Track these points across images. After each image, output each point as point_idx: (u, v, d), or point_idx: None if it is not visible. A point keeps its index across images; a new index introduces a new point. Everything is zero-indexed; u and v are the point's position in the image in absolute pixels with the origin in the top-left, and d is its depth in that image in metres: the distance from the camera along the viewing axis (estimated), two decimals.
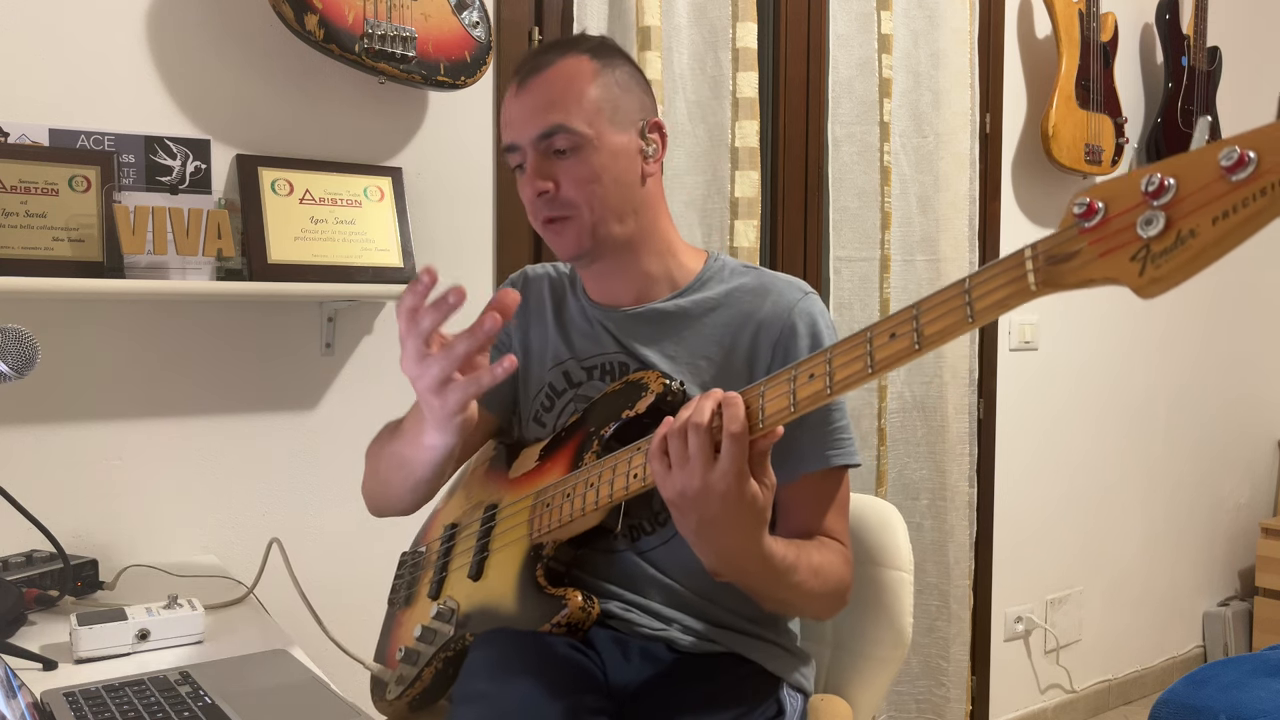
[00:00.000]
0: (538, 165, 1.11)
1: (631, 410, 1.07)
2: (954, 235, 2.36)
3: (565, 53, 1.13)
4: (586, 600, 1.05)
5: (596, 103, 1.11)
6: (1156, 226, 0.66)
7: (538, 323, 1.26)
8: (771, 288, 1.16)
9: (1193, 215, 0.64)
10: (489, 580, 1.13)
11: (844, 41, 2.23)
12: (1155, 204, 0.66)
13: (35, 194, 1.38)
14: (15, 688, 0.82)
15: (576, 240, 1.12)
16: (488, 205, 1.84)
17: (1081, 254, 0.70)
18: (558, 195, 1.11)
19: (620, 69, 1.15)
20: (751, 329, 1.13)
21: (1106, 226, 0.69)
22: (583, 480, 1.05)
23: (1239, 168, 0.62)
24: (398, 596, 1.29)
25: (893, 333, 0.82)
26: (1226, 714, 1.57)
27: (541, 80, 1.11)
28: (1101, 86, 2.62)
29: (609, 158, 1.11)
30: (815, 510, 1.12)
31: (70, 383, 1.49)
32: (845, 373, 0.85)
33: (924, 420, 2.34)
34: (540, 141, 1.10)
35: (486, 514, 1.19)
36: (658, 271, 1.18)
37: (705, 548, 0.96)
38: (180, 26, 1.55)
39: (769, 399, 0.90)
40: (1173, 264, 0.65)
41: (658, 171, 1.18)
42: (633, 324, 1.18)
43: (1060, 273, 0.72)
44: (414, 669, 1.17)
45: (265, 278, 1.52)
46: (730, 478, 0.89)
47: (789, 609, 1.10)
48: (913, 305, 0.81)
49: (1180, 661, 3.19)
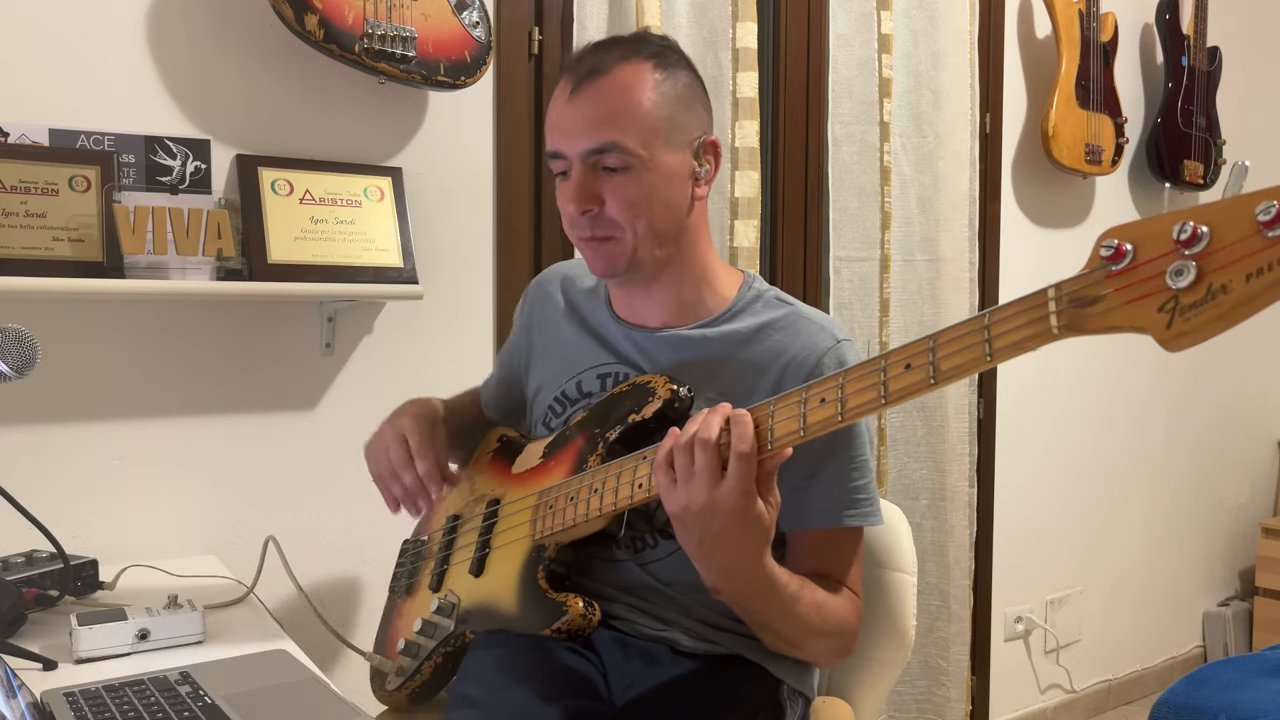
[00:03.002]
0: (583, 181, 1.05)
1: (638, 415, 1.05)
2: (954, 235, 2.36)
3: (627, 57, 1.05)
4: (588, 607, 1.03)
5: (654, 120, 1.04)
6: (1187, 278, 0.63)
7: (557, 328, 1.24)
8: (804, 330, 1.10)
9: (1225, 269, 0.61)
10: (490, 578, 1.12)
11: (844, 41, 2.23)
12: (1187, 253, 0.63)
13: (35, 194, 1.38)
14: (15, 688, 0.82)
15: (612, 261, 1.08)
16: (488, 205, 1.84)
17: (1107, 299, 0.67)
18: (601, 214, 1.05)
19: (682, 80, 1.08)
20: (778, 370, 1.08)
21: (1135, 273, 0.66)
22: (586, 485, 1.04)
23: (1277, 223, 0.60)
24: (398, 585, 1.29)
25: (908, 364, 0.79)
26: (1226, 714, 1.57)
27: (598, 88, 1.04)
28: (1101, 86, 2.62)
29: (660, 180, 1.05)
30: (827, 559, 1.08)
31: (70, 383, 1.49)
32: (857, 400, 0.83)
33: (924, 420, 2.34)
34: (590, 156, 1.04)
35: (489, 508, 1.18)
36: (690, 298, 1.14)
37: (707, 563, 0.94)
38: (180, 26, 1.55)
39: (779, 419, 0.88)
40: (1202, 319, 0.62)
41: (706, 195, 1.12)
42: (656, 347, 1.14)
43: (1084, 316, 0.69)
44: (414, 662, 1.17)
45: (265, 278, 1.52)
46: (736, 496, 0.87)
47: (788, 644, 1.05)
48: (929, 337, 0.78)
49: (1180, 661, 3.19)
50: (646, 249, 1.07)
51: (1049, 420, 2.75)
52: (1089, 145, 2.59)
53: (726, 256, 2.02)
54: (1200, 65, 2.88)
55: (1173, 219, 0.64)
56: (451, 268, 1.80)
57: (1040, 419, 2.72)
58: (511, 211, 1.85)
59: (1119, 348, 2.90)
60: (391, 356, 1.74)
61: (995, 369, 2.56)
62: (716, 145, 1.12)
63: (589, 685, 1.03)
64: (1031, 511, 2.72)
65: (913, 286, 2.33)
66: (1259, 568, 3.18)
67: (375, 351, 1.73)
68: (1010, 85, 2.57)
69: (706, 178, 1.10)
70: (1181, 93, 2.85)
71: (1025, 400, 2.67)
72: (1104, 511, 2.93)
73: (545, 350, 1.25)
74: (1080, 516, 2.86)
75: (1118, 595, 3.00)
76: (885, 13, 2.23)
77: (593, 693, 1.02)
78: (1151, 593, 3.10)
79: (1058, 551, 2.81)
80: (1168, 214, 0.65)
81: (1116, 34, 2.68)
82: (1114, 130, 2.66)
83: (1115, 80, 2.67)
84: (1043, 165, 2.61)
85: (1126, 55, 2.85)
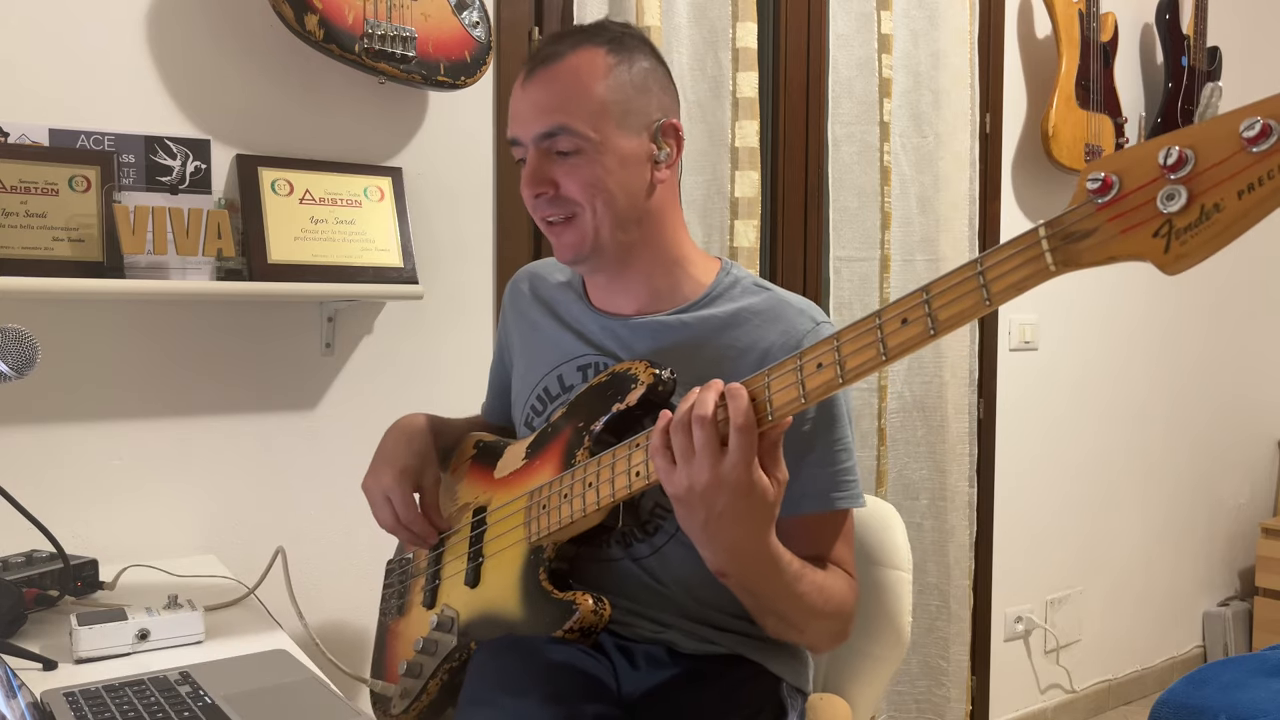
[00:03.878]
0: (537, 164, 1.06)
1: (622, 403, 1.03)
2: (954, 235, 2.36)
3: (579, 44, 1.07)
4: (597, 602, 1.01)
5: (604, 103, 1.05)
6: (1179, 202, 0.64)
7: (533, 326, 1.23)
8: (783, 314, 1.10)
9: (1216, 189, 0.62)
10: (487, 587, 1.10)
11: (844, 41, 2.23)
12: (1174, 177, 0.64)
13: (35, 194, 1.38)
14: (15, 688, 0.82)
15: (576, 243, 1.08)
16: (488, 205, 1.84)
17: (1100, 231, 0.68)
18: (557, 195, 1.06)
19: (639, 64, 1.08)
20: (757, 355, 1.08)
21: (1124, 202, 0.67)
22: (580, 480, 1.02)
23: (1262, 138, 0.61)
24: (389, 606, 1.27)
25: (904, 318, 0.78)
26: (1226, 714, 1.57)
27: (549, 74, 1.05)
28: (1101, 86, 2.62)
29: (614, 163, 1.05)
30: (818, 541, 1.08)
31: (70, 383, 1.49)
32: (857, 360, 0.82)
33: (924, 420, 2.34)
34: (541, 140, 1.05)
35: (476, 517, 1.16)
36: (663, 283, 1.13)
37: (712, 544, 0.93)
38: (180, 26, 1.55)
39: (775, 389, 0.87)
40: (1199, 239, 0.63)
41: (670, 177, 1.11)
42: (633, 334, 1.13)
43: (1078, 251, 0.69)
44: (418, 682, 1.14)
45: (265, 278, 1.52)
46: (741, 470, 0.86)
47: (789, 628, 1.05)
48: (920, 289, 0.78)
49: (1180, 661, 3.19)
50: (608, 231, 1.07)
51: (1049, 420, 2.75)
52: (1089, 145, 2.59)
53: (727, 256, 2.01)
54: (1200, 65, 2.88)
55: (1155, 145, 0.65)
56: (451, 268, 1.80)
57: (1040, 419, 2.72)
58: (511, 211, 1.85)
59: (1119, 347, 2.90)
60: (391, 356, 1.74)
61: (994, 371, 2.57)
62: (678, 128, 1.11)
63: (603, 688, 1.01)
64: (1031, 511, 2.72)
65: (912, 286, 2.31)
66: (1259, 568, 3.18)
67: (375, 351, 1.73)
68: (1010, 85, 2.57)
69: (668, 161, 1.10)
70: (1181, 93, 2.85)
71: (1025, 400, 2.67)
72: (1104, 511, 2.93)
73: (523, 349, 1.24)
74: (1080, 516, 2.86)
75: (1117, 595, 3.00)
76: (885, 13, 2.23)
77: (608, 695, 1.01)
78: (1151, 593, 3.10)
79: (1058, 551, 2.81)
80: (1149, 141, 0.66)
81: (1116, 34, 2.68)
82: (1114, 130, 2.66)
83: (1115, 80, 2.67)
84: (1043, 165, 2.61)
85: (1126, 55, 2.85)
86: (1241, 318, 3.26)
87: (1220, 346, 3.21)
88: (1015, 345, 2.64)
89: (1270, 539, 3.15)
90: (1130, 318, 2.92)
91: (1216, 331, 3.19)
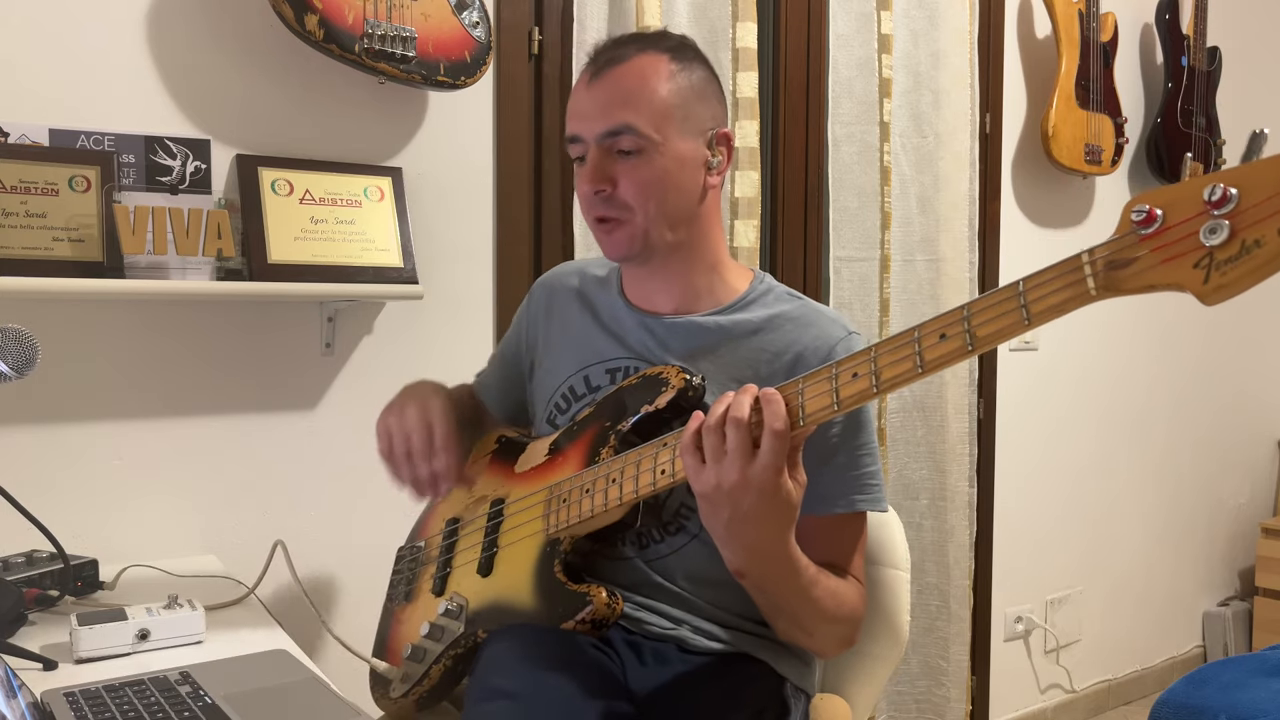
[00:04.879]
0: (599, 162, 1.09)
1: (652, 405, 1.06)
2: (954, 235, 2.36)
3: (644, 48, 1.10)
4: (611, 596, 1.03)
5: (668, 106, 1.08)
6: (1221, 235, 0.68)
7: (566, 325, 1.24)
8: (816, 321, 1.13)
9: (1257, 225, 0.67)
10: (500, 576, 1.12)
11: (844, 41, 2.23)
12: (1217, 213, 0.68)
13: (35, 194, 1.38)
14: (15, 688, 0.82)
15: (627, 243, 1.11)
16: (488, 205, 1.84)
17: (1142, 260, 0.72)
18: (614, 195, 1.09)
19: (698, 72, 1.12)
20: (790, 358, 1.11)
21: (1167, 234, 0.71)
22: (603, 476, 1.04)
23: None
24: (397, 592, 1.28)
25: (942, 334, 0.82)
26: (1226, 714, 1.57)
27: (615, 75, 1.09)
28: (1101, 86, 2.62)
29: (673, 164, 1.09)
30: (834, 546, 1.10)
31: (70, 383, 1.49)
32: (892, 372, 0.85)
33: (924, 420, 2.34)
34: (605, 139, 1.08)
35: (493, 509, 1.17)
36: (702, 285, 1.16)
37: (734, 544, 0.95)
38: (180, 26, 1.55)
39: (809, 396, 0.90)
40: (1239, 271, 0.68)
41: (719, 184, 1.15)
42: (668, 333, 1.16)
43: (1120, 278, 0.73)
44: (421, 666, 1.16)
45: (265, 278, 1.52)
46: (771, 473, 0.89)
47: (799, 630, 1.07)
48: (961, 307, 0.81)
49: (1180, 661, 3.19)
50: (658, 231, 1.10)
51: (1049, 420, 2.75)
52: (1089, 145, 2.60)
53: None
54: (1200, 65, 2.88)
55: (1200, 183, 0.69)
56: (451, 268, 1.80)
57: (1040, 419, 2.72)
58: (511, 211, 1.85)
59: (1119, 348, 2.90)
60: (391, 356, 1.74)
61: (994, 371, 2.57)
62: (730, 138, 1.15)
63: (616, 683, 1.02)
64: (1031, 511, 2.72)
65: (913, 286, 2.33)
66: (1259, 568, 3.18)
67: (375, 351, 1.73)
68: (1010, 85, 2.57)
69: (719, 168, 1.14)
70: (1181, 93, 2.85)
71: (1025, 400, 2.67)
72: (1104, 511, 2.93)
73: (554, 342, 1.25)
74: (1080, 516, 2.86)
75: (1117, 595, 3.00)
76: (885, 13, 2.23)
77: (620, 691, 1.02)
78: (1151, 593, 3.10)
79: (1057, 551, 2.81)
80: (1193, 179, 0.70)
81: (1116, 34, 2.68)
82: (1114, 130, 2.66)
83: (1115, 80, 2.67)
84: (1043, 165, 2.62)
85: (1126, 55, 2.85)
86: (1241, 317, 3.26)
87: (1220, 346, 3.21)
88: (1015, 345, 2.64)
89: (1270, 539, 3.15)
90: (1130, 317, 2.92)
91: (1216, 331, 3.19)
